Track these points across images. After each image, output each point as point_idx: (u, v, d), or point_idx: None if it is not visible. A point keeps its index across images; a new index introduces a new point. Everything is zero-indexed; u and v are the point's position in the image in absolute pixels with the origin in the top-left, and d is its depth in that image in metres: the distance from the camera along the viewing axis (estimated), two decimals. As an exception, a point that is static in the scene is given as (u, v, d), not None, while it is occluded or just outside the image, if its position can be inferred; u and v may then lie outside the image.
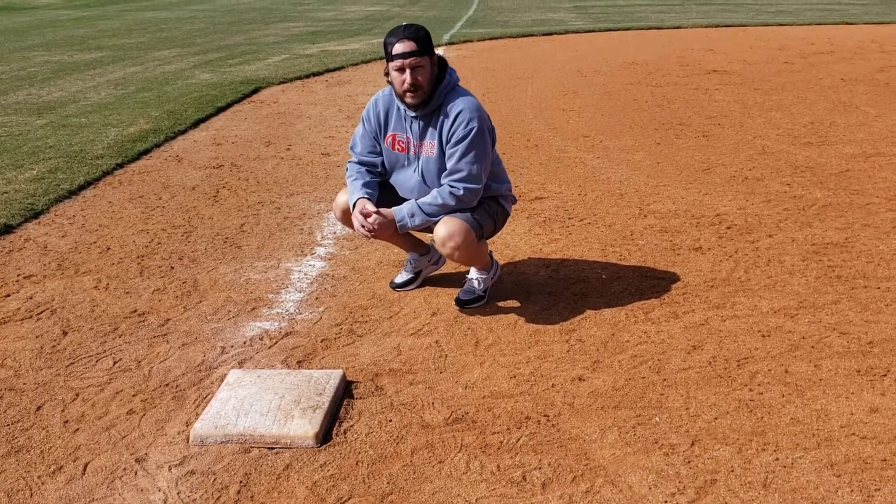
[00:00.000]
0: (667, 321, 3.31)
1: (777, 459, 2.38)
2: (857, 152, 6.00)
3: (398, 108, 3.24)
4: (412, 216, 3.18)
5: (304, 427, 2.50)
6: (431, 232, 3.25)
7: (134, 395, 2.78)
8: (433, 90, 3.12)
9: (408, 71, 3.03)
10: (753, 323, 3.28)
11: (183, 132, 6.90)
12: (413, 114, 3.18)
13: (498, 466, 2.37)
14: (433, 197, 3.17)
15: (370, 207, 3.16)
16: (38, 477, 2.34)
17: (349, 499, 2.25)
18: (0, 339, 3.21)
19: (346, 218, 3.35)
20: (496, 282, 3.63)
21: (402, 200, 3.29)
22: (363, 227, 3.15)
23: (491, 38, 13.93)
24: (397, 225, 3.18)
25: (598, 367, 2.94)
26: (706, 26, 15.78)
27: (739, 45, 12.74)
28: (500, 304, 3.50)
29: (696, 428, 2.55)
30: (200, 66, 10.62)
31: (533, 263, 3.96)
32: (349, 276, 3.83)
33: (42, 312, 3.43)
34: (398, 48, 3.02)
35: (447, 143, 3.15)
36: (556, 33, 14.83)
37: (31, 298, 3.57)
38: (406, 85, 3.06)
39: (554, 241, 4.25)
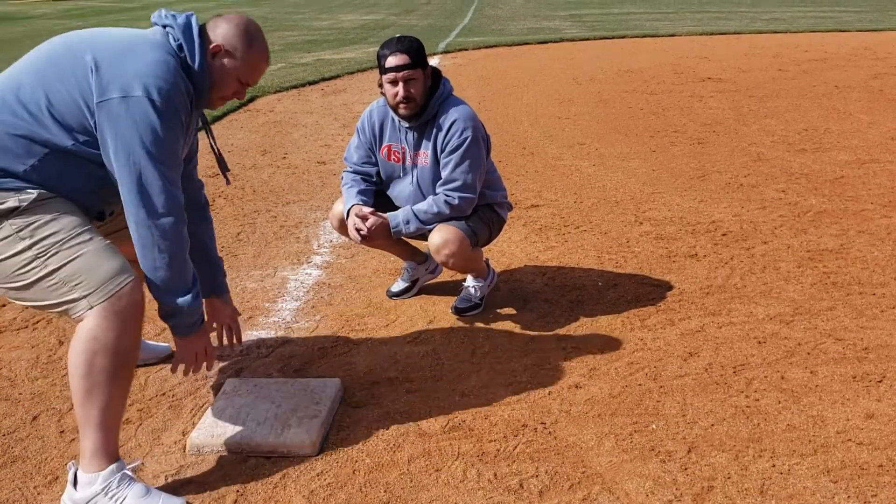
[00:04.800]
0: (663, 328, 3.32)
1: (774, 466, 2.39)
2: (851, 159, 6.03)
3: (392, 119, 3.25)
4: (407, 222, 3.18)
5: (301, 436, 2.49)
6: (426, 240, 3.26)
7: (130, 405, 2.77)
8: (427, 101, 3.13)
9: (400, 84, 3.04)
10: (749, 329, 3.29)
11: (179, 141, 6.89)
12: (407, 124, 3.19)
13: (495, 474, 2.37)
14: (429, 205, 3.18)
15: (366, 210, 3.17)
16: (35, 487, 2.34)
17: (346, 507, 2.24)
18: (-4, 349, 3.21)
19: (342, 227, 3.35)
20: (493, 289, 3.63)
21: (397, 209, 3.29)
22: (358, 229, 3.16)
23: (486, 47, 13.98)
24: (392, 230, 3.19)
25: (594, 375, 2.95)
26: (701, 34, 15.86)
27: (734, 52, 12.80)
28: (497, 311, 3.51)
29: (692, 435, 2.55)
30: (196, 76, 10.62)
31: (529, 271, 3.97)
32: (345, 285, 3.83)
33: (38, 322, 3.43)
34: (391, 61, 3.03)
35: (442, 152, 3.16)
36: (551, 41, 14.89)
37: (26, 308, 3.57)
38: (399, 97, 3.07)
39: (550, 249, 4.26)
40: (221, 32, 2.29)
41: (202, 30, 2.30)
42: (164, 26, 2.26)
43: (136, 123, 2.07)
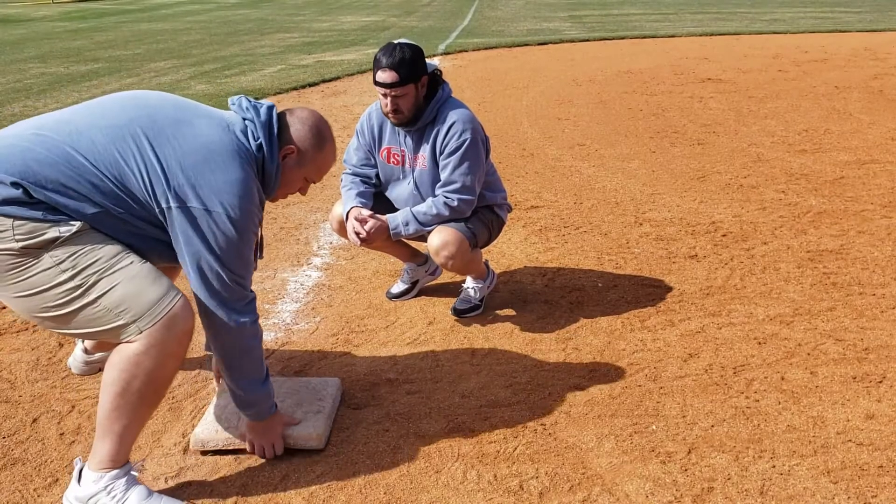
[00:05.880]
0: (663, 329, 3.32)
1: (774, 467, 2.39)
2: (851, 159, 6.03)
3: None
4: (406, 224, 3.19)
5: (308, 429, 2.49)
6: (426, 241, 3.26)
7: (130, 407, 2.77)
8: (425, 106, 3.12)
9: (389, 98, 3.04)
10: (749, 330, 3.28)
11: (179, 143, 6.89)
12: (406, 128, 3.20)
13: (495, 476, 2.37)
14: (428, 206, 3.18)
15: (365, 213, 3.18)
16: (35, 490, 2.34)
17: (346, 509, 2.24)
18: (-4, 351, 3.21)
19: (342, 229, 3.35)
20: (492, 291, 3.64)
21: (396, 211, 3.29)
22: (357, 233, 3.16)
23: (486, 48, 13.99)
24: (391, 232, 3.19)
25: (594, 376, 2.95)
26: (700, 35, 15.86)
27: (734, 53, 12.80)
28: (497, 313, 3.51)
29: (692, 436, 2.55)
30: (196, 78, 10.64)
31: (529, 272, 3.97)
32: (345, 286, 3.83)
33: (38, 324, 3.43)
34: (380, 77, 3.02)
35: (441, 154, 3.16)
36: (550, 42, 14.89)
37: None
38: (387, 109, 3.08)
39: (550, 250, 4.26)
40: (294, 132, 2.32)
41: (280, 123, 2.31)
42: (245, 119, 2.25)
43: (216, 238, 2.12)
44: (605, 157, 6.28)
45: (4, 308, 3.59)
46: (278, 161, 2.28)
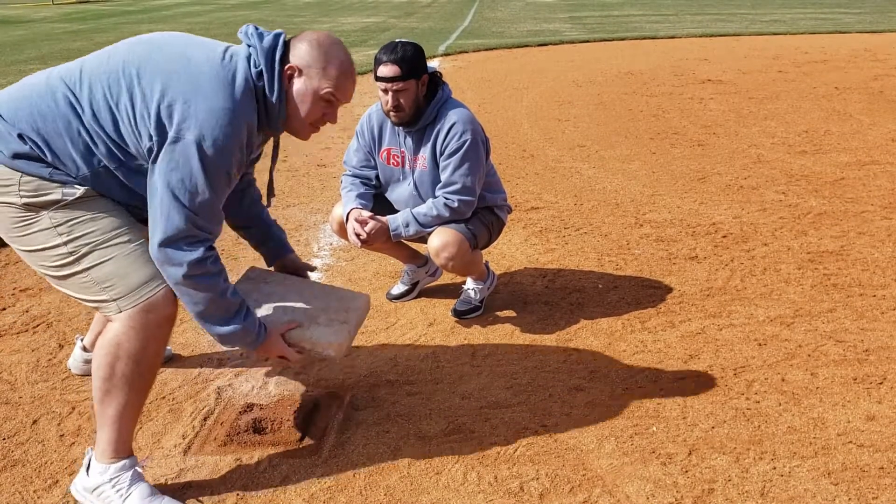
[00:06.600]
0: (663, 330, 3.32)
1: (774, 468, 2.39)
2: (851, 160, 6.03)
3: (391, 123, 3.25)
4: (406, 225, 3.19)
5: (329, 336, 2.37)
6: (426, 242, 3.26)
7: (130, 408, 2.77)
8: (425, 107, 3.13)
9: (390, 94, 3.04)
10: (750, 331, 3.28)
11: (179, 144, 6.89)
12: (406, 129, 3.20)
13: (495, 477, 2.37)
14: (428, 207, 3.18)
15: (365, 214, 3.18)
16: (35, 491, 2.33)
17: (346, 511, 2.24)
18: (-4, 352, 3.21)
19: (342, 231, 3.35)
20: (493, 292, 3.63)
21: (396, 212, 3.30)
22: (357, 234, 3.17)
23: (486, 49, 13.99)
24: (391, 233, 3.19)
25: (594, 377, 2.95)
26: (700, 36, 15.87)
27: (734, 54, 12.81)
28: (497, 314, 3.50)
29: (693, 437, 2.55)
30: (196, 79, 10.63)
31: (529, 273, 3.97)
32: (346, 288, 3.82)
33: (38, 326, 3.43)
34: (382, 71, 3.02)
35: (441, 155, 3.16)
36: (551, 44, 14.90)
37: (27, 312, 3.57)
38: (388, 106, 3.08)
39: (550, 251, 4.26)
40: (293, 51, 2.15)
41: (286, 51, 2.17)
42: (249, 46, 2.14)
43: (178, 167, 1.99)
44: (606, 158, 6.28)
45: (4, 309, 3.59)
46: (282, 91, 2.14)
